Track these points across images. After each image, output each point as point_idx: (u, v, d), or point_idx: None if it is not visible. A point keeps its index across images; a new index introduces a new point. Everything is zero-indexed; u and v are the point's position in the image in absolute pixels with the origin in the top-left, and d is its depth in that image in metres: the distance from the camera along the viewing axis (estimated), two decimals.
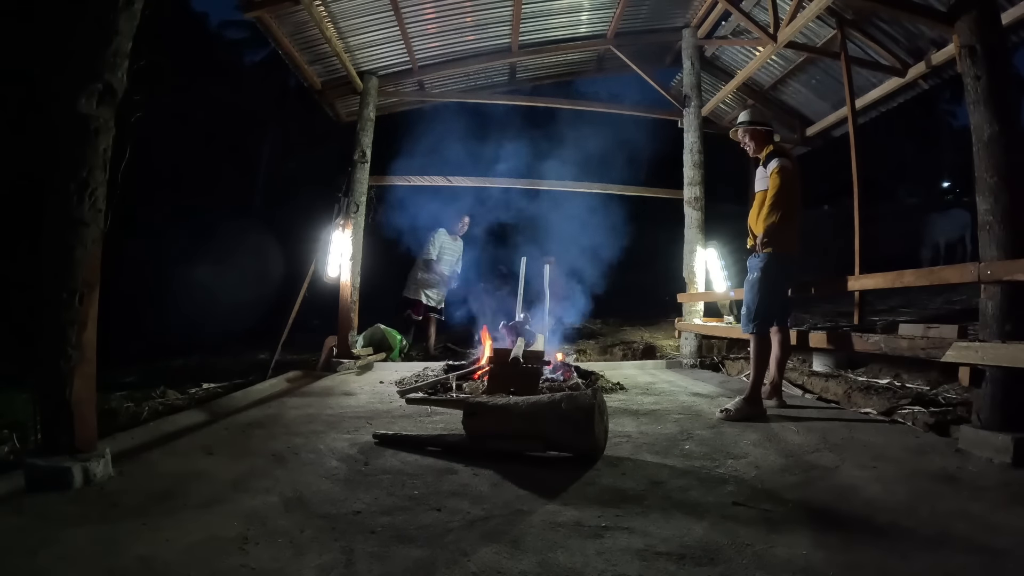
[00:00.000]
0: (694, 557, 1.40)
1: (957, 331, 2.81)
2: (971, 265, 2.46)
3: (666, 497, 1.84)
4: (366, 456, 2.26)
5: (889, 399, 3.41)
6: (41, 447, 1.90)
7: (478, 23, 5.54)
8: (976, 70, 2.47)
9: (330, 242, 5.03)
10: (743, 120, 3.40)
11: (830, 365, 4.56)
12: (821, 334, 3.42)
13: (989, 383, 2.30)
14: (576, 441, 2.18)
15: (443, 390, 3.74)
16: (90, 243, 1.93)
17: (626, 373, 4.80)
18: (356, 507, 1.71)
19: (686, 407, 3.35)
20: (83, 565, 1.34)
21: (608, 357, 6.29)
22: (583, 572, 1.33)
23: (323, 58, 5.40)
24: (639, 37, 6.28)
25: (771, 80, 6.41)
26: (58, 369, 1.86)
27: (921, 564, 1.36)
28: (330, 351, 4.83)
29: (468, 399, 2.76)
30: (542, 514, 1.67)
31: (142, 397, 3.43)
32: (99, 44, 1.95)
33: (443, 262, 6.12)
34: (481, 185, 6.55)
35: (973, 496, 1.81)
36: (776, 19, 4.63)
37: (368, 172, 5.64)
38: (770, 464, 2.19)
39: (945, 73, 5.06)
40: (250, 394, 3.52)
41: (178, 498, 1.76)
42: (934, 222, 9.92)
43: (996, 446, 2.15)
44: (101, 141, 1.97)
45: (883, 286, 3.24)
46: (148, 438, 2.42)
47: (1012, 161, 2.39)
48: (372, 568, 1.34)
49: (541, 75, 7.00)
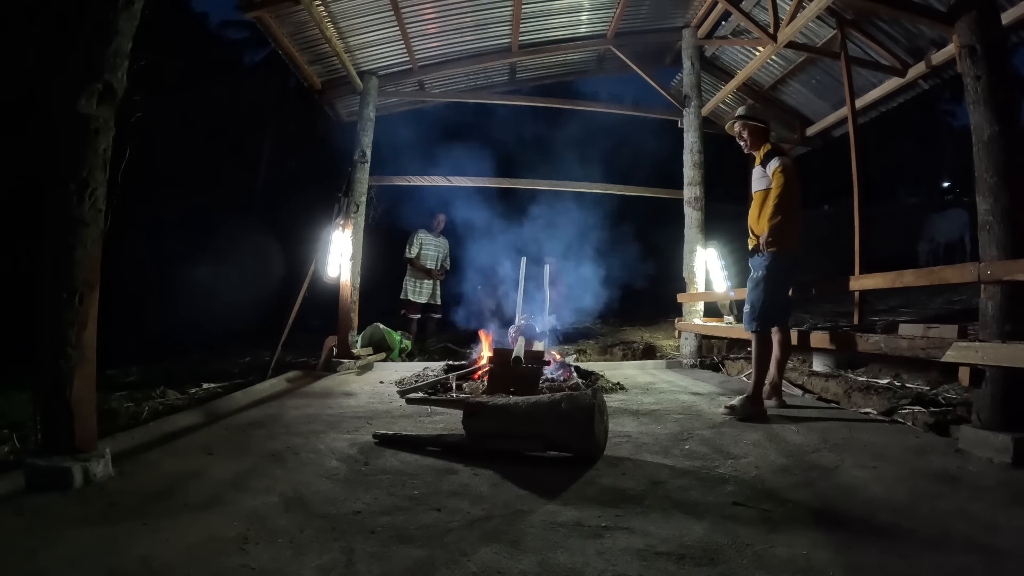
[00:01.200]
0: (694, 557, 1.40)
1: (957, 331, 2.80)
2: (971, 265, 2.46)
3: (666, 497, 1.84)
4: (366, 456, 2.26)
5: (889, 399, 3.41)
6: (41, 447, 1.90)
7: (478, 23, 5.54)
8: (976, 70, 2.47)
9: (330, 242, 5.03)
10: (742, 114, 3.39)
11: (830, 365, 4.56)
12: (821, 334, 3.42)
13: (989, 383, 2.30)
14: (576, 441, 2.18)
15: (443, 390, 3.74)
16: (90, 243, 1.93)
17: (626, 373, 4.80)
18: (356, 507, 1.71)
19: (686, 407, 3.35)
20: (83, 565, 1.34)
21: (608, 357, 6.29)
22: (583, 572, 1.33)
23: (323, 58, 5.40)
24: (639, 37, 6.28)
25: (771, 80, 6.41)
26: (58, 369, 1.86)
27: (921, 564, 1.36)
28: (330, 351, 4.83)
29: (468, 399, 2.76)
30: (542, 514, 1.67)
31: (142, 397, 3.43)
32: (99, 44, 1.95)
33: (427, 259, 6.42)
34: (481, 185, 6.55)
35: (973, 496, 1.81)
36: (776, 19, 4.63)
37: (368, 172, 5.64)
38: (770, 464, 2.19)
39: (945, 73, 5.06)
40: (250, 394, 3.52)
41: (178, 498, 1.76)
42: (934, 222, 9.92)
43: (996, 446, 2.16)
44: (101, 141, 1.97)
45: (883, 286, 3.24)
46: (148, 438, 2.42)
47: (1012, 161, 2.39)
48: (372, 568, 1.34)
49: (541, 75, 7.00)
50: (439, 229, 6.60)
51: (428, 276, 6.43)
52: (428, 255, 6.44)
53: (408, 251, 6.38)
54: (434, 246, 6.50)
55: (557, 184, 6.64)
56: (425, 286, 6.43)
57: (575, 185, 6.65)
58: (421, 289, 6.40)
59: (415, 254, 6.38)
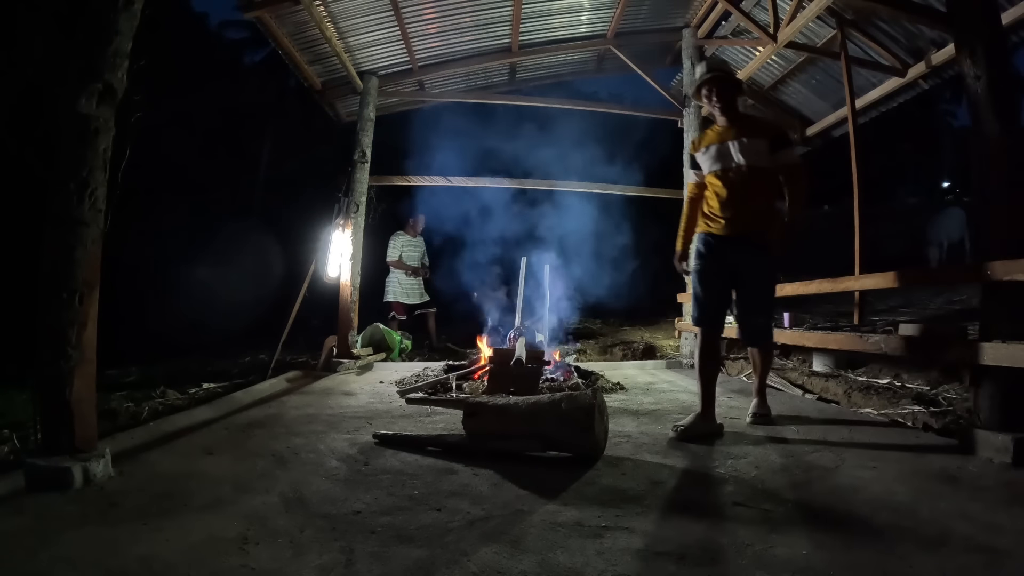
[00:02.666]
0: (694, 557, 1.40)
1: (957, 331, 2.81)
2: (971, 265, 2.46)
3: (666, 497, 1.84)
4: (366, 456, 2.26)
5: (889, 399, 3.41)
6: (41, 447, 1.89)
7: (478, 23, 5.53)
8: (976, 70, 2.47)
9: (330, 242, 5.03)
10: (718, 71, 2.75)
11: (830, 365, 4.56)
12: (821, 334, 3.42)
13: (989, 383, 2.30)
14: (576, 441, 2.18)
15: (443, 390, 3.74)
16: (90, 243, 1.93)
17: (626, 373, 4.80)
18: (356, 507, 1.71)
19: (686, 407, 3.35)
20: (83, 565, 1.34)
21: (608, 357, 6.29)
22: (583, 572, 1.33)
23: (323, 58, 5.39)
24: (639, 37, 6.28)
25: (771, 80, 6.41)
26: (58, 369, 1.86)
27: (921, 564, 1.36)
28: (330, 351, 4.83)
29: (468, 399, 2.76)
30: (542, 514, 1.67)
31: (142, 397, 3.43)
32: (99, 44, 1.95)
33: (409, 260, 6.61)
34: (481, 185, 6.56)
35: (973, 496, 1.81)
36: (776, 19, 4.63)
37: (368, 172, 5.64)
38: (770, 464, 2.19)
39: (945, 73, 5.06)
40: (250, 394, 3.52)
41: (178, 498, 1.76)
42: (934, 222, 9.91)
43: (996, 446, 2.15)
44: (101, 141, 1.97)
45: (883, 286, 3.24)
46: (148, 438, 2.42)
47: (1012, 161, 2.38)
48: (372, 568, 1.34)
49: (541, 75, 7.00)
50: (418, 230, 6.76)
51: (415, 275, 6.59)
52: (410, 256, 6.62)
53: (390, 255, 6.54)
54: (413, 246, 6.69)
55: (557, 184, 6.64)
56: (414, 286, 6.59)
57: (575, 185, 6.65)
58: (410, 290, 6.56)
59: (398, 256, 6.53)
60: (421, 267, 6.67)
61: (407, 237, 6.65)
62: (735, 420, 2.92)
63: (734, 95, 2.78)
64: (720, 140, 2.77)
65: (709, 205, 2.83)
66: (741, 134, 2.71)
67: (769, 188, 2.75)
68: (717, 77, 2.74)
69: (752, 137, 2.69)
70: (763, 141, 2.68)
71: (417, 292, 6.62)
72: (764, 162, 2.68)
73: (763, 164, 2.68)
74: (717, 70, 2.77)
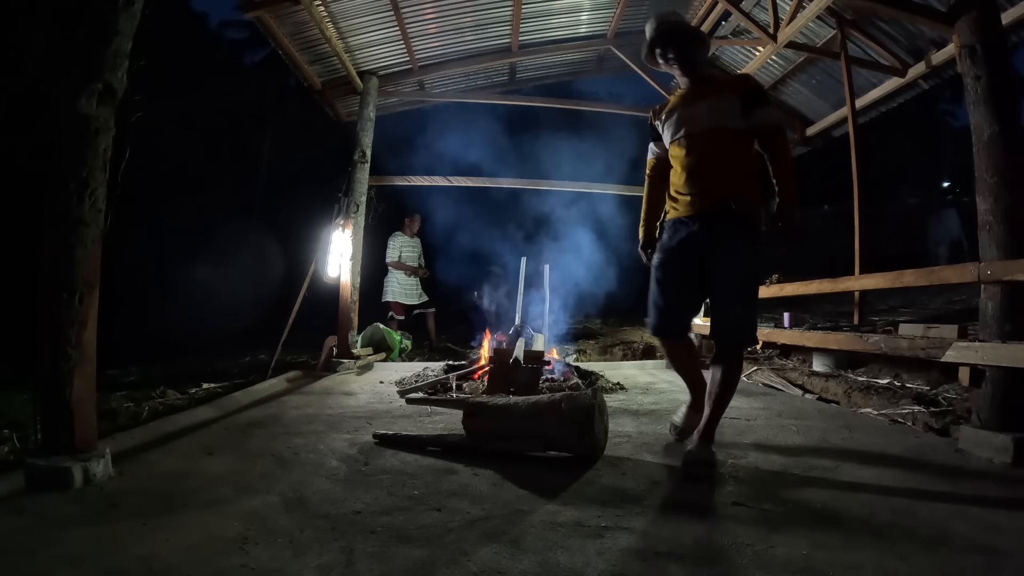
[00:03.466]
0: (694, 557, 1.40)
1: (957, 331, 2.81)
2: (971, 265, 2.46)
3: (666, 497, 1.84)
4: (366, 456, 2.26)
5: (889, 399, 3.41)
6: (41, 447, 1.89)
7: (478, 23, 5.54)
8: (976, 70, 2.47)
9: (330, 242, 5.03)
10: (668, 23, 2.33)
11: (830, 365, 4.56)
12: (821, 334, 3.42)
13: (989, 383, 2.30)
14: (576, 441, 2.18)
15: (443, 390, 3.73)
16: (90, 243, 1.93)
17: (626, 373, 4.80)
18: (356, 507, 1.71)
19: None
20: (83, 565, 1.34)
21: (608, 357, 6.29)
22: (583, 572, 1.33)
23: (323, 58, 5.39)
24: (639, 37, 6.21)
25: (771, 80, 6.41)
26: (58, 369, 1.86)
27: (921, 564, 1.36)
28: (330, 351, 4.83)
29: (468, 399, 2.76)
30: (542, 514, 1.67)
31: (142, 397, 3.43)
32: (99, 44, 1.95)
33: (408, 261, 6.65)
34: (481, 185, 6.56)
35: (973, 496, 1.81)
36: (776, 19, 4.63)
37: (368, 172, 5.64)
38: (770, 464, 2.18)
39: (945, 73, 5.07)
40: (250, 394, 3.52)
41: (178, 498, 1.76)
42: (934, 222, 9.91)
43: (996, 446, 2.16)
44: (101, 141, 1.96)
45: (883, 286, 3.24)
46: (148, 438, 2.42)
47: (1012, 161, 2.39)
48: (372, 568, 1.34)
49: (541, 75, 7.00)
50: (414, 230, 6.81)
51: (415, 275, 6.63)
52: (409, 256, 6.66)
53: (389, 255, 6.58)
54: (411, 247, 6.73)
55: (556, 184, 6.64)
56: (413, 286, 6.63)
57: (575, 185, 6.65)
58: (409, 290, 6.60)
59: (398, 256, 6.57)
60: (420, 267, 6.70)
61: (405, 237, 6.70)
62: (735, 420, 2.93)
63: (694, 49, 2.32)
64: (683, 104, 2.31)
65: (673, 184, 2.34)
66: (707, 92, 2.25)
67: (744, 154, 2.21)
68: (669, 31, 2.30)
69: (720, 94, 2.22)
70: (734, 98, 2.19)
71: (416, 292, 6.66)
72: (736, 123, 2.18)
73: (735, 126, 2.18)
74: (667, 23, 2.31)
